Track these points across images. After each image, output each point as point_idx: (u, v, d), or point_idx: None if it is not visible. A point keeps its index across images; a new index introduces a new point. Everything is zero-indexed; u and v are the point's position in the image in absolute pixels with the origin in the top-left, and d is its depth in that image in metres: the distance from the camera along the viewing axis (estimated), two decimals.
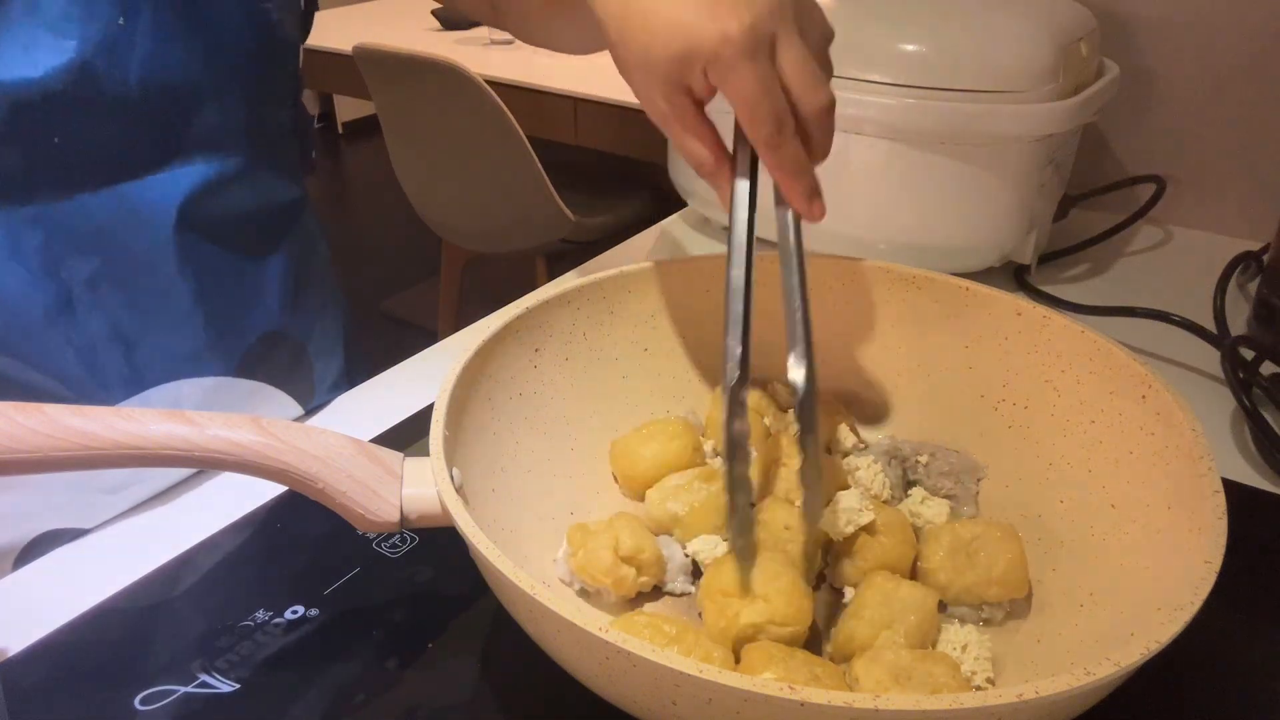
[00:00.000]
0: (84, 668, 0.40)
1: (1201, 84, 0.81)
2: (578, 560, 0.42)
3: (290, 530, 0.48)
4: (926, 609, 0.39)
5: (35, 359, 0.45)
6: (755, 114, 0.40)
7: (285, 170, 0.55)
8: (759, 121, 0.40)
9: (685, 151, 0.43)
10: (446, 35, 2.20)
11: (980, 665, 0.39)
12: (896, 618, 0.39)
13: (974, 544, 0.42)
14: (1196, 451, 0.38)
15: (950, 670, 0.36)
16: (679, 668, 0.28)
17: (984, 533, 0.42)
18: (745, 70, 0.39)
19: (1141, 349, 0.64)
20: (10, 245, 0.43)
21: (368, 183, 3.76)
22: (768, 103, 0.40)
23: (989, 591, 0.41)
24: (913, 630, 0.39)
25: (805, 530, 0.42)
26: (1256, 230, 0.82)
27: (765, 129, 0.40)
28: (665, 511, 0.46)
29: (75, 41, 0.42)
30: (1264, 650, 0.43)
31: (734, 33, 0.38)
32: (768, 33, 0.39)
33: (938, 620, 0.40)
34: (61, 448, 0.34)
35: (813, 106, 0.41)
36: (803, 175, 0.42)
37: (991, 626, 0.42)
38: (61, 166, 0.43)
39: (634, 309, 0.52)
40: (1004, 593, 0.41)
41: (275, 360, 0.56)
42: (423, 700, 0.39)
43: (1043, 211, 0.72)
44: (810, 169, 0.42)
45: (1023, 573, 0.41)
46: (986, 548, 0.42)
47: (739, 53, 0.38)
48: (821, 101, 0.41)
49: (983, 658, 0.39)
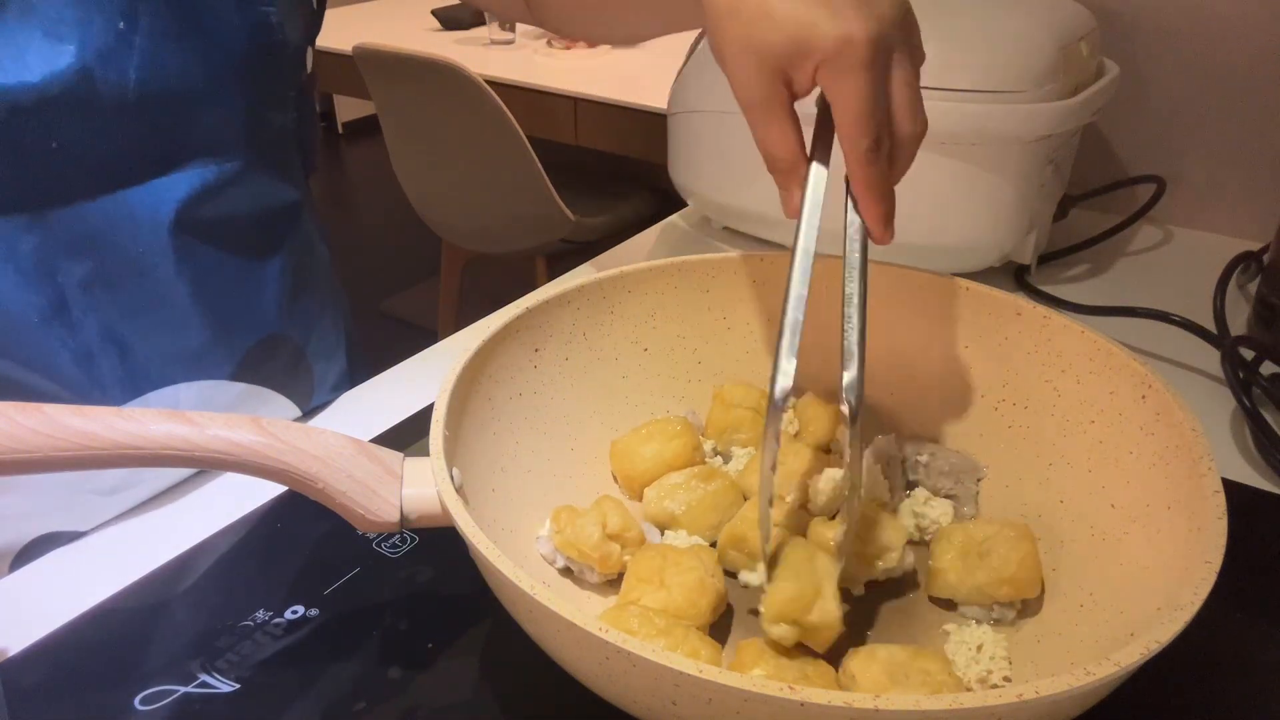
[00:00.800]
0: (84, 668, 0.40)
1: (1201, 84, 0.81)
2: (564, 536, 0.42)
3: (290, 530, 0.48)
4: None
5: (31, 362, 0.45)
6: (861, 125, 0.39)
7: (285, 173, 0.55)
8: (860, 134, 0.39)
9: (766, 142, 0.42)
10: (446, 35, 2.20)
11: (997, 665, 0.39)
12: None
13: (986, 544, 0.42)
14: (1196, 451, 0.38)
15: (944, 667, 0.36)
16: (679, 668, 0.28)
17: (997, 533, 0.42)
18: (861, 78, 0.38)
19: (1141, 349, 0.64)
20: (4, 249, 0.43)
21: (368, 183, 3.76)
22: (875, 116, 0.39)
23: (1000, 591, 0.41)
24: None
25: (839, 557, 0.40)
26: (1256, 230, 0.82)
27: (865, 142, 0.39)
28: (663, 509, 0.46)
29: (73, 46, 0.41)
30: (1264, 650, 0.43)
31: (859, 37, 0.37)
32: (889, 45, 0.39)
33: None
34: (61, 448, 0.34)
35: (910, 130, 0.41)
36: (886, 198, 0.41)
37: (1003, 626, 0.42)
38: (58, 172, 0.43)
39: (634, 309, 0.52)
40: (1015, 592, 0.41)
41: (274, 364, 0.56)
42: (423, 700, 0.39)
43: (1043, 211, 0.72)
44: (893, 193, 0.42)
45: (1035, 572, 0.41)
46: (999, 548, 0.41)
47: (859, 59, 0.38)
48: (919, 128, 0.41)
49: (999, 657, 0.39)
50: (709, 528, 0.45)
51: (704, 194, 0.79)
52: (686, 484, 0.46)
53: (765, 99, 0.41)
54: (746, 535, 0.43)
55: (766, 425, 0.38)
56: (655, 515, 0.46)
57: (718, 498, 0.46)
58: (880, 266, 0.52)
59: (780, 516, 0.44)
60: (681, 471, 0.47)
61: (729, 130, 0.74)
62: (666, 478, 0.47)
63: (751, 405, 0.52)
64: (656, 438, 0.48)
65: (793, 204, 0.42)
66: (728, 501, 0.46)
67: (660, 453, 0.48)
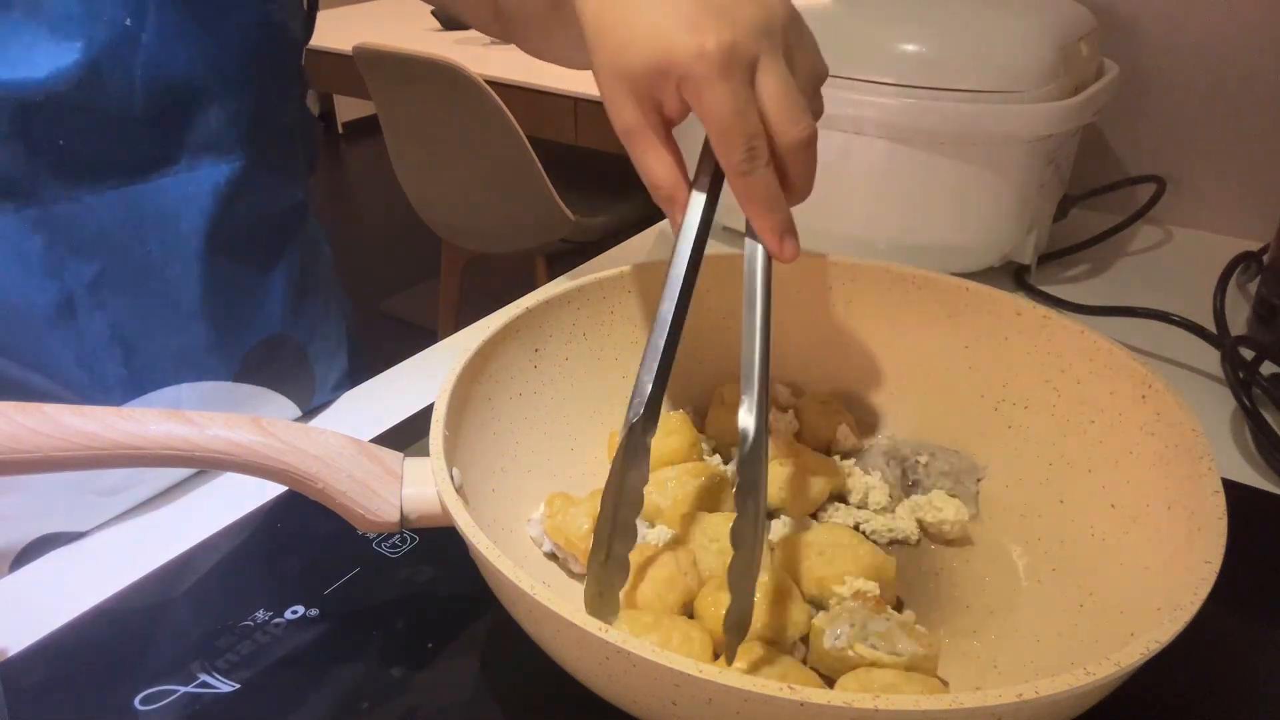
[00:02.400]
0: (84, 668, 0.40)
1: (1201, 84, 0.81)
2: (554, 522, 0.42)
3: (290, 530, 0.48)
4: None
5: (35, 362, 0.45)
6: (725, 137, 0.38)
7: (289, 173, 0.55)
8: (729, 146, 0.38)
9: (644, 169, 0.41)
10: (446, 35, 2.20)
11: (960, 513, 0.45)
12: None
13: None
14: (1196, 451, 0.38)
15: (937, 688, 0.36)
16: (679, 668, 0.28)
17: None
18: (719, 89, 0.37)
19: (1141, 349, 0.64)
20: (12, 247, 0.43)
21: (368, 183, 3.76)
22: (739, 126, 0.37)
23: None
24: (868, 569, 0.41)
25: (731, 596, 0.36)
26: (1256, 230, 0.82)
27: (735, 155, 0.38)
28: (650, 502, 0.46)
29: (80, 43, 0.42)
30: (1264, 650, 0.43)
31: (710, 48, 0.36)
32: (748, 54, 0.37)
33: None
34: (61, 448, 0.34)
35: (790, 138, 0.38)
36: (774, 210, 0.40)
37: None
38: (65, 169, 0.43)
39: (634, 309, 0.52)
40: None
41: (276, 364, 0.56)
42: (423, 700, 0.39)
43: (1043, 211, 0.72)
44: (783, 204, 0.40)
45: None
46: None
47: (713, 70, 0.36)
48: (800, 134, 0.39)
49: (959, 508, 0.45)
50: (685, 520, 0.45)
51: None
52: (677, 479, 0.46)
53: (637, 125, 0.40)
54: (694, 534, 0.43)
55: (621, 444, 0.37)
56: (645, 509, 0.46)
57: (704, 494, 0.46)
58: (880, 267, 0.52)
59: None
60: (674, 466, 0.47)
61: None
62: (660, 472, 0.47)
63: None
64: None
65: (677, 228, 0.41)
66: (716, 498, 0.46)
67: (657, 447, 0.48)
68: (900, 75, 0.64)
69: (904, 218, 0.69)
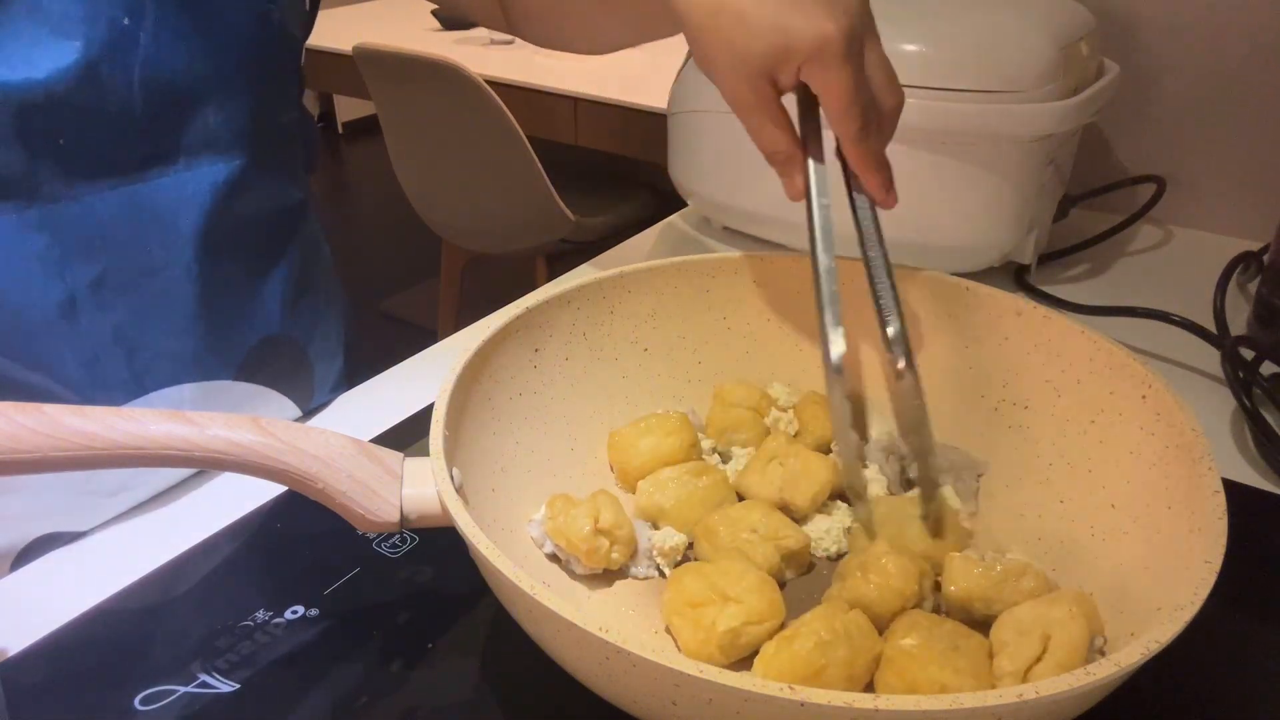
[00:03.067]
0: (84, 668, 0.40)
1: (1201, 84, 0.81)
2: (555, 523, 0.42)
3: (290, 530, 0.48)
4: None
5: (37, 362, 0.45)
6: (849, 111, 0.42)
7: (289, 173, 0.55)
8: (851, 118, 0.43)
9: (763, 138, 0.45)
10: (446, 35, 2.20)
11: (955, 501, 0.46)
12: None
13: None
14: (1196, 451, 0.38)
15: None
16: (679, 668, 0.28)
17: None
18: (842, 69, 0.41)
19: (1141, 349, 0.64)
20: (14, 247, 0.43)
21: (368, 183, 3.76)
22: (860, 100, 0.42)
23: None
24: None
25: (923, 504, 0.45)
26: (1256, 230, 0.82)
27: (855, 125, 0.43)
28: (652, 502, 0.46)
29: (79, 42, 0.42)
30: (1264, 650, 0.43)
31: (833, 34, 0.41)
32: (860, 35, 0.42)
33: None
34: (61, 448, 0.34)
35: (893, 104, 0.45)
36: (883, 167, 0.45)
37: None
38: (66, 168, 0.43)
39: (634, 309, 0.52)
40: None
41: (275, 363, 0.56)
42: (423, 700, 0.39)
43: (1043, 211, 0.72)
44: (887, 162, 0.46)
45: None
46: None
47: (837, 53, 0.41)
48: (899, 99, 0.45)
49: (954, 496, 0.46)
50: (695, 523, 0.45)
51: (704, 194, 0.79)
52: (678, 478, 0.46)
53: (756, 102, 0.44)
54: (718, 529, 0.43)
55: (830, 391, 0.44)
56: (645, 508, 0.46)
57: (707, 494, 0.46)
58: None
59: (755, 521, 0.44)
60: (675, 466, 0.47)
61: (729, 130, 0.73)
62: (661, 472, 0.47)
63: (751, 405, 0.52)
64: (655, 432, 0.48)
65: (796, 188, 0.46)
66: (717, 498, 0.46)
67: (657, 447, 0.48)
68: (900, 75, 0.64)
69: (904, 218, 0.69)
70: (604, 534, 0.42)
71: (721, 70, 0.44)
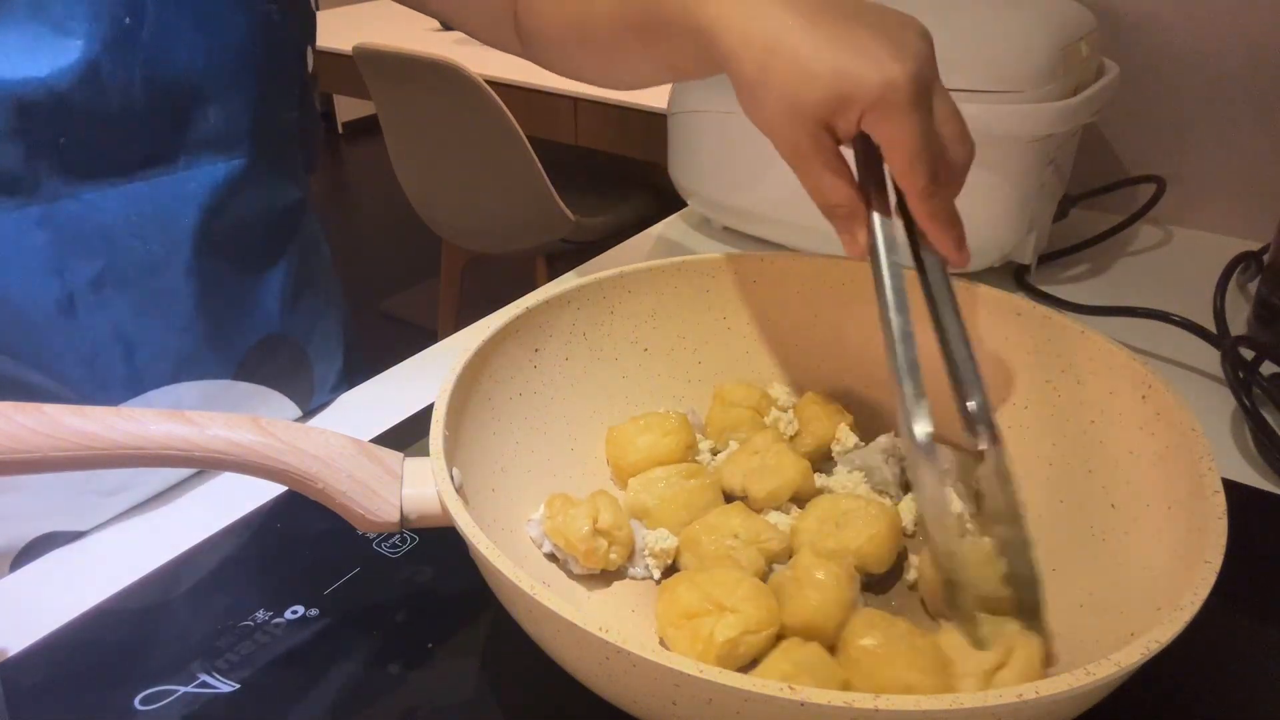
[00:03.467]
0: (84, 668, 0.40)
1: (1201, 84, 0.81)
2: (554, 523, 0.42)
3: (290, 530, 0.48)
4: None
5: (36, 360, 0.45)
6: (916, 164, 0.39)
7: (289, 172, 0.55)
8: (919, 172, 0.39)
9: (821, 190, 0.42)
10: (446, 35, 2.20)
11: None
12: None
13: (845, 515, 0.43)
14: (1196, 451, 0.38)
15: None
16: (679, 668, 0.28)
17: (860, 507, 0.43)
18: (910, 119, 0.38)
19: (1141, 349, 0.64)
20: (14, 245, 0.43)
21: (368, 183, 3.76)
22: (929, 153, 0.39)
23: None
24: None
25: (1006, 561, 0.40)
26: (1256, 230, 0.82)
27: (922, 179, 0.39)
28: (638, 501, 0.46)
29: (81, 41, 0.42)
30: (1264, 650, 0.43)
31: (900, 80, 0.38)
32: (928, 82, 0.39)
33: None
34: (61, 448, 0.34)
35: (963, 158, 0.41)
36: (954, 224, 0.42)
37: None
38: (66, 166, 0.43)
39: (634, 309, 0.52)
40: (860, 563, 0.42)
41: (275, 363, 0.56)
42: (423, 700, 0.39)
43: (1043, 211, 0.72)
44: (959, 217, 0.42)
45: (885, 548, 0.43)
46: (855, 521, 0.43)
47: (905, 101, 0.38)
48: (970, 153, 0.41)
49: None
50: (679, 524, 0.45)
51: (704, 194, 0.79)
52: (666, 478, 0.46)
53: (813, 151, 0.41)
54: (700, 539, 0.43)
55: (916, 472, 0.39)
56: (633, 506, 0.46)
57: (693, 496, 0.46)
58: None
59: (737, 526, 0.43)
60: (667, 467, 0.47)
61: (729, 130, 0.74)
62: (651, 471, 0.47)
63: (751, 405, 0.52)
64: (652, 430, 0.48)
65: (858, 245, 0.42)
66: (703, 501, 0.46)
67: (653, 446, 0.48)
68: None
69: None
70: (602, 534, 0.42)
71: (775, 120, 0.41)
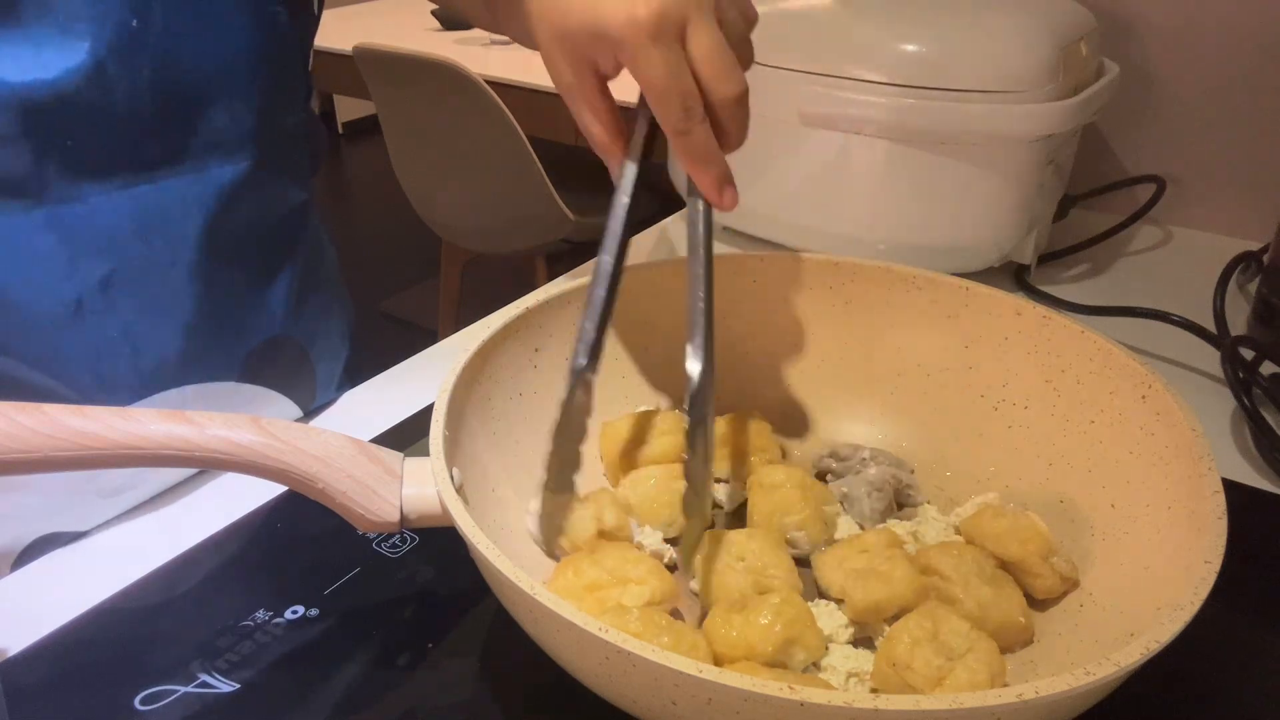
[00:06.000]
0: (84, 668, 0.40)
1: (1201, 84, 0.81)
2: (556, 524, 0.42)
3: (290, 530, 0.48)
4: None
5: (43, 362, 0.45)
6: (661, 100, 0.40)
7: (294, 174, 0.55)
8: (665, 108, 0.41)
9: (583, 124, 0.44)
10: (446, 35, 2.20)
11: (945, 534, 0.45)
12: None
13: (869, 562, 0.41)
14: (1196, 451, 0.38)
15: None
16: (679, 668, 0.28)
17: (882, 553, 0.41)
18: (651, 55, 0.39)
19: (1141, 349, 0.64)
20: (22, 248, 0.43)
21: (368, 183, 3.76)
22: (675, 88, 0.40)
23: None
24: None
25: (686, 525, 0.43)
26: (1256, 230, 0.82)
27: (672, 116, 0.41)
28: (626, 498, 0.46)
29: (88, 43, 0.42)
30: (1264, 650, 0.43)
31: (641, 16, 0.39)
32: (677, 18, 0.39)
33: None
34: (62, 448, 0.34)
35: (723, 94, 0.41)
36: (713, 163, 0.42)
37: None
38: (73, 169, 0.43)
39: (634, 309, 0.52)
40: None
41: (278, 365, 0.56)
42: (423, 700, 0.39)
43: (1043, 211, 0.72)
44: (720, 157, 0.43)
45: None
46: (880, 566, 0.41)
47: (645, 37, 0.39)
48: (733, 90, 0.41)
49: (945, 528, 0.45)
50: (662, 523, 0.45)
51: None
52: (658, 480, 0.46)
53: (576, 86, 0.43)
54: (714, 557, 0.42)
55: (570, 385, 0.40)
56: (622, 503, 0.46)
57: (675, 496, 0.46)
58: (880, 267, 0.52)
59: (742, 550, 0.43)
60: (658, 467, 0.47)
61: None
62: (642, 470, 0.47)
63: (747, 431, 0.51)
64: (648, 429, 0.48)
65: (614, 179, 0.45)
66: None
67: (646, 444, 0.48)
68: (900, 75, 0.64)
69: (904, 218, 0.69)
70: (605, 536, 0.42)
71: (545, 50, 0.43)
